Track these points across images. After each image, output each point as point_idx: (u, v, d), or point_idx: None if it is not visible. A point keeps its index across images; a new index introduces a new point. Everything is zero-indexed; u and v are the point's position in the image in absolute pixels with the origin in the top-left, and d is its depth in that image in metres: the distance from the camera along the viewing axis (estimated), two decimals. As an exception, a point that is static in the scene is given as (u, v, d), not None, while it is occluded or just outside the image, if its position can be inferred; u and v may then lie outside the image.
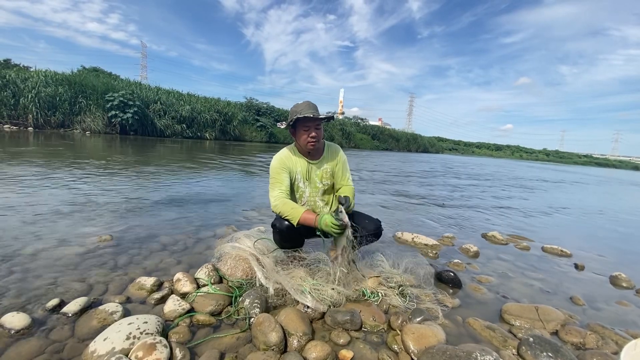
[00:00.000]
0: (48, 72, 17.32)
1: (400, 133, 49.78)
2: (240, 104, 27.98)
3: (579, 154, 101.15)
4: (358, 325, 1.40)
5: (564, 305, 1.87)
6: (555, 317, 1.62)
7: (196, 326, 1.35)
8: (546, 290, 2.07)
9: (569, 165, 51.61)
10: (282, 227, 1.83)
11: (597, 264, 2.74)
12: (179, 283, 1.61)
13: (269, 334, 1.23)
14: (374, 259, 2.01)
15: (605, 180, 18.10)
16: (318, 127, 1.86)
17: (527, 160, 60.58)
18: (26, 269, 1.69)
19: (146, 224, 2.63)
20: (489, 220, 4.21)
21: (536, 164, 39.32)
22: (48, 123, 15.81)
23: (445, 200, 5.48)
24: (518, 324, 1.56)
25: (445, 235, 3.06)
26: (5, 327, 1.19)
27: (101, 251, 2.01)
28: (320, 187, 2.08)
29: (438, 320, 1.50)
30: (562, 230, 4.16)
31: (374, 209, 4.11)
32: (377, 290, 1.69)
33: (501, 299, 1.86)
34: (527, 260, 2.63)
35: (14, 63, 22.65)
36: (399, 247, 2.62)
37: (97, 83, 18.15)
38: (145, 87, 21.79)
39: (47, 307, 1.35)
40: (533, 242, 3.24)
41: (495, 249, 2.87)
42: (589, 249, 3.22)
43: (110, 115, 17.17)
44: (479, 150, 76.27)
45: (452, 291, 1.89)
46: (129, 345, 1.10)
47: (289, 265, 1.81)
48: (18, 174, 4.20)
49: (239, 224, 2.85)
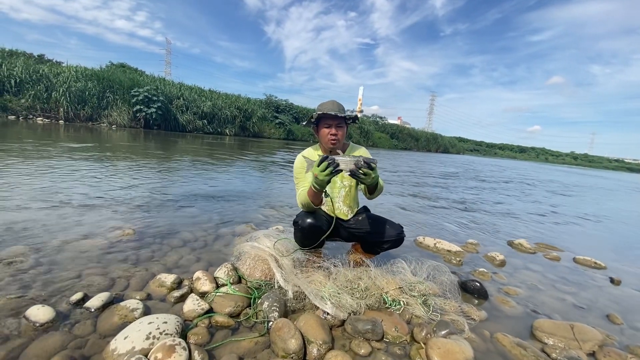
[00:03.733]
0: (79, 68, 18.06)
1: (420, 132, 48.90)
2: (259, 101, 28.25)
3: (610, 158, 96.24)
4: (380, 335, 1.35)
5: (600, 323, 1.74)
6: (592, 336, 1.50)
7: (215, 327, 1.33)
8: (580, 305, 1.94)
9: (598, 170, 49.16)
10: (303, 224, 1.84)
11: (634, 278, 2.56)
12: (199, 282, 1.60)
13: (288, 340, 1.20)
14: (395, 265, 1.94)
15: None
16: (340, 125, 1.87)
17: (553, 164, 58.16)
18: (52, 261, 1.73)
19: (167, 219, 2.66)
20: (515, 226, 4.03)
21: (563, 168, 37.69)
22: (77, 116, 16.48)
23: (467, 203, 5.30)
24: (552, 343, 1.46)
25: (469, 241, 2.94)
26: (31, 320, 1.21)
27: (124, 245, 2.04)
28: (340, 186, 2.05)
29: (464, 334, 1.42)
30: (595, 240, 3.93)
31: (394, 211, 4.02)
32: (398, 299, 1.63)
33: (531, 313, 1.75)
34: (557, 272, 2.48)
35: (47, 58, 23.72)
36: (421, 252, 2.54)
37: (124, 78, 18.77)
38: (169, 83, 22.36)
39: (72, 300, 1.37)
40: (563, 252, 3.07)
41: (522, 258, 2.73)
42: (624, 261, 3.02)
43: (135, 109, 17.73)
44: (502, 152, 73.93)
45: (477, 302, 1.80)
46: (148, 346, 1.09)
47: (307, 269, 1.78)
48: (48, 166, 4.36)
49: (257, 222, 2.84)
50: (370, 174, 1.56)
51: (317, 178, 1.57)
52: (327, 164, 1.54)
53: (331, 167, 1.54)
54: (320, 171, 1.54)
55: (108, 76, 18.19)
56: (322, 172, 1.54)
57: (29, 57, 19.52)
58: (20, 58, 17.36)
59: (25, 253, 1.78)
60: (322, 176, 1.55)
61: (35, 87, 15.56)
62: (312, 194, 1.73)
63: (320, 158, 1.56)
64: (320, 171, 1.54)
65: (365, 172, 1.54)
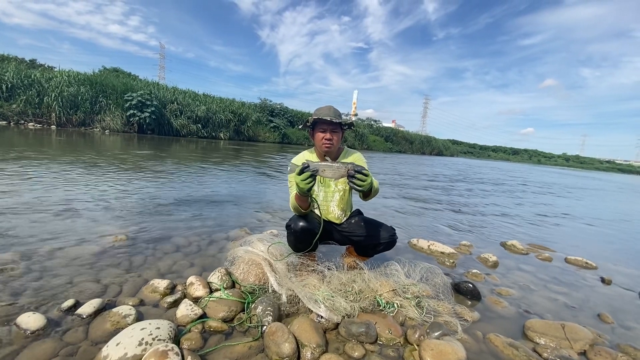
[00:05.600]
0: (71, 72, 17.88)
1: (414, 135, 49.21)
2: (254, 105, 28.20)
3: (601, 159, 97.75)
4: (373, 338, 1.35)
5: (591, 322, 1.77)
6: (583, 336, 1.53)
7: (208, 332, 1.33)
8: (571, 305, 1.97)
9: (590, 171, 49.86)
10: (296, 227, 1.85)
11: (625, 278, 2.60)
12: (192, 287, 1.59)
13: (281, 344, 1.20)
14: (389, 267, 1.95)
15: (632, 187, 17.37)
16: (335, 130, 1.90)
17: (545, 165, 58.88)
18: (44, 267, 1.71)
19: (160, 224, 2.65)
20: (507, 227, 4.07)
21: (555, 169, 38.17)
22: (70, 121, 16.30)
23: (460, 204, 5.34)
24: (543, 343, 1.48)
25: (463, 243, 2.97)
26: (22, 327, 1.20)
27: (116, 251, 2.03)
28: (335, 190, 2.06)
29: (457, 336, 1.43)
30: (586, 240, 3.98)
31: (388, 214, 4.04)
32: (392, 301, 1.64)
33: (524, 313, 1.78)
34: (549, 272, 2.51)
35: (39, 63, 23.50)
36: (414, 254, 2.55)
37: (117, 83, 18.63)
38: (163, 87, 22.24)
39: (63, 307, 1.35)
40: (555, 252, 3.11)
41: (515, 259, 2.76)
42: (615, 261, 3.07)
43: (128, 114, 17.59)
44: (495, 154, 74.69)
45: (470, 303, 1.82)
46: (141, 352, 1.09)
47: (301, 272, 1.79)
48: (37, 172, 4.32)
49: (251, 226, 2.83)
50: (365, 180, 1.56)
51: (299, 186, 1.60)
52: (309, 174, 1.56)
53: (310, 178, 1.57)
54: (301, 180, 1.57)
55: (101, 81, 18.04)
56: (302, 180, 1.57)
57: (20, 62, 19.34)
58: (12, 63, 17.18)
59: (16, 260, 1.76)
60: (302, 184, 1.57)
61: (26, 92, 15.37)
62: (298, 198, 1.78)
63: (300, 167, 1.58)
64: (301, 180, 1.57)
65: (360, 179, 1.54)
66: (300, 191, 1.62)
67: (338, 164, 1.57)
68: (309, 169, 1.56)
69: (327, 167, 1.57)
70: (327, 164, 1.58)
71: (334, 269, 1.80)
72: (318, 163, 1.59)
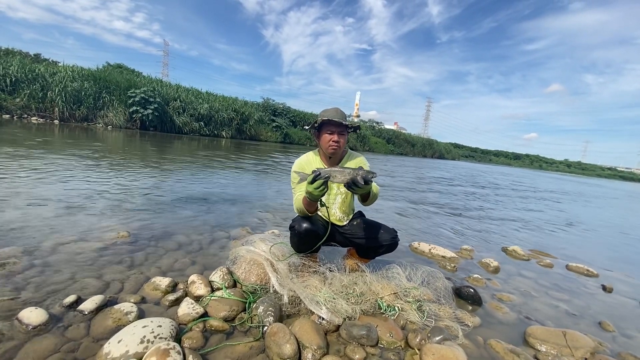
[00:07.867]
0: (75, 68, 17.92)
1: (416, 138, 49.23)
2: (257, 104, 28.21)
3: (603, 166, 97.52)
4: (374, 341, 1.35)
5: (592, 330, 1.76)
6: (584, 343, 1.52)
7: (209, 332, 1.33)
8: (572, 313, 1.96)
9: (592, 178, 49.74)
10: (300, 229, 1.85)
11: (626, 286, 2.59)
12: (194, 285, 1.59)
13: (283, 345, 1.20)
14: (390, 270, 1.95)
15: (634, 195, 17.33)
16: (342, 133, 1.91)
17: (547, 171, 58.75)
18: (46, 263, 1.72)
19: (162, 222, 2.65)
20: (509, 232, 4.06)
21: (557, 175, 38.09)
22: (73, 116, 16.33)
23: (462, 209, 5.33)
24: (544, 350, 1.47)
25: (464, 247, 2.96)
26: (23, 322, 1.20)
27: (118, 247, 2.03)
28: (337, 193, 2.07)
29: (458, 340, 1.43)
30: (587, 247, 3.97)
31: (389, 217, 4.04)
32: (393, 304, 1.64)
33: (525, 320, 1.77)
34: (550, 279, 2.51)
35: (43, 57, 23.55)
36: (416, 257, 2.55)
37: (121, 79, 18.66)
38: (166, 84, 22.26)
39: (65, 303, 1.36)
40: (556, 259, 3.10)
41: (516, 265, 2.75)
42: (616, 269, 3.06)
43: (131, 110, 17.61)
44: (497, 159, 74.57)
45: (471, 308, 1.81)
46: (142, 349, 1.09)
47: (303, 273, 1.78)
48: (39, 166, 4.32)
49: (253, 226, 2.83)
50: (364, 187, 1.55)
51: (312, 194, 1.57)
52: (322, 181, 1.54)
53: (323, 186, 1.55)
54: (315, 188, 1.55)
55: (105, 76, 18.07)
56: (315, 188, 1.55)
57: (25, 56, 19.37)
58: (17, 57, 17.20)
59: (18, 255, 1.76)
60: (315, 192, 1.55)
61: (30, 87, 15.41)
62: (306, 203, 1.76)
63: (312, 175, 1.55)
64: (314, 188, 1.55)
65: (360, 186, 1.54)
66: (314, 198, 1.61)
67: (349, 169, 1.55)
68: (320, 176, 1.54)
69: (338, 173, 1.55)
70: (338, 169, 1.56)
71: (335, 270, 1.80)
72: (329, 169, 1.56)
